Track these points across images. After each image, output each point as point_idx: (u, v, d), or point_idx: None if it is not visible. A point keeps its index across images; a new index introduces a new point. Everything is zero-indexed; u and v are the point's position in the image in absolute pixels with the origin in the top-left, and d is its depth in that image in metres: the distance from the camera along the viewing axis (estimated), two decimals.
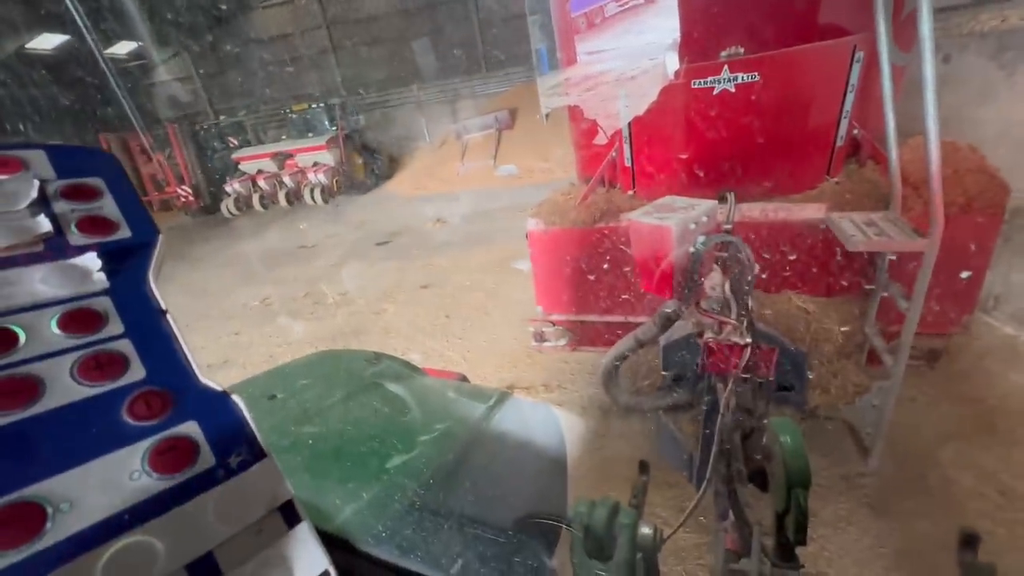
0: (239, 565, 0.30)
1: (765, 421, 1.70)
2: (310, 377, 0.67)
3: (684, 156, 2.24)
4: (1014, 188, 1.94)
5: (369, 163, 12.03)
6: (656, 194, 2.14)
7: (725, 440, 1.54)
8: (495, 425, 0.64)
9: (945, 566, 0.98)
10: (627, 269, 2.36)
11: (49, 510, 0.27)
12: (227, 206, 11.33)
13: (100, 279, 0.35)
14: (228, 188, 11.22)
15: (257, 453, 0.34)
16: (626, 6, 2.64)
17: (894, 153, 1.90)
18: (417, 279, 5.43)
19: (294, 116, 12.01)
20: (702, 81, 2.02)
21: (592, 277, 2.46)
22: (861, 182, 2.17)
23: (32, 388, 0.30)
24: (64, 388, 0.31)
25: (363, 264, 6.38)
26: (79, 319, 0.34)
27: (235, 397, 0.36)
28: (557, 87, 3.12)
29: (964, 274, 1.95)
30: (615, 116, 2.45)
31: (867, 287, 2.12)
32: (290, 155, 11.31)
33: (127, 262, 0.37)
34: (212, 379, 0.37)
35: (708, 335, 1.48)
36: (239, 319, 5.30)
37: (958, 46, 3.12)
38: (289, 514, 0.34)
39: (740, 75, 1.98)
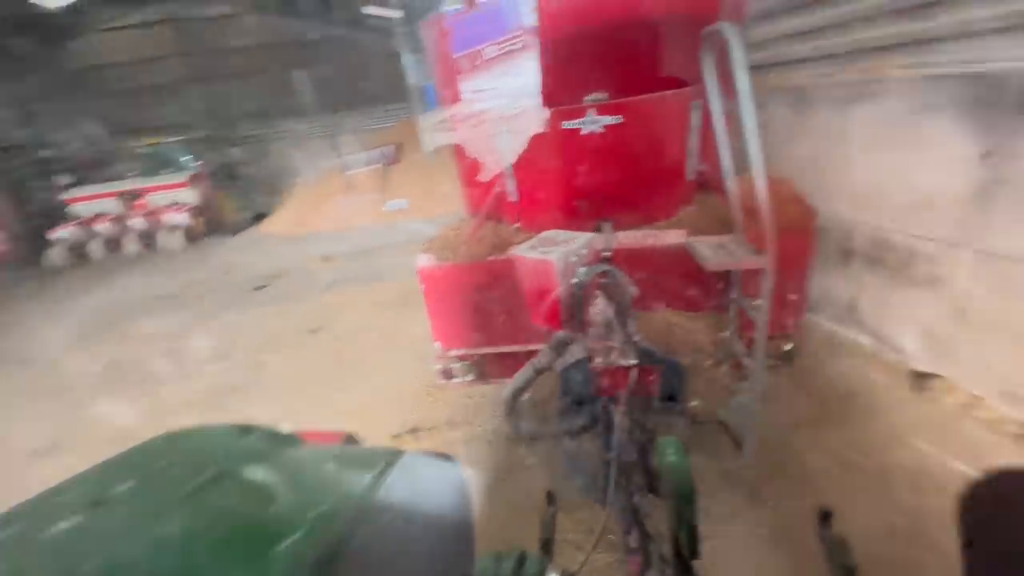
0: None
1: (654, 434, 1.82)
2: (151, 469, 0.55)
3: (562, 191, 2.40)
4: (818, 212, 2.38)
5: (241, 201, 11.01)
6: (541, 226, 2.24)
7: (623, 457, 1.62)
8: (386, 493, 0.58)
9: (810, 538, 1.13)
10: (520, 299, 2.43)
11: None
12: (53, 256, 9.48)
13: None
14: (54, 235, 9.40)
15: None
16: (503, 50, 2.82)
17: (732, 185, 2.23)
18: (304, 323, 5.01)
19: (145, 151, 10.62)
20: (571, 123, 2.19)
21: (488, 310, 2.47)
22: (710, 210, 2.50)
23: None
24: None
25: (237, 312, 5.72)
26: None
27: None
28: (442, 123, 3.16)
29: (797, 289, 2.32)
30: (497, 153, 2.55)
31: (728, 301, 2.42)
32: (139, 194, 9.89)
33: None
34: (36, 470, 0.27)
35: (597, 360, 1.56)
36: (75, 390, 4.39)
37: (766, 98, 3.80)
38: None
39: (605, 117, 2.18)
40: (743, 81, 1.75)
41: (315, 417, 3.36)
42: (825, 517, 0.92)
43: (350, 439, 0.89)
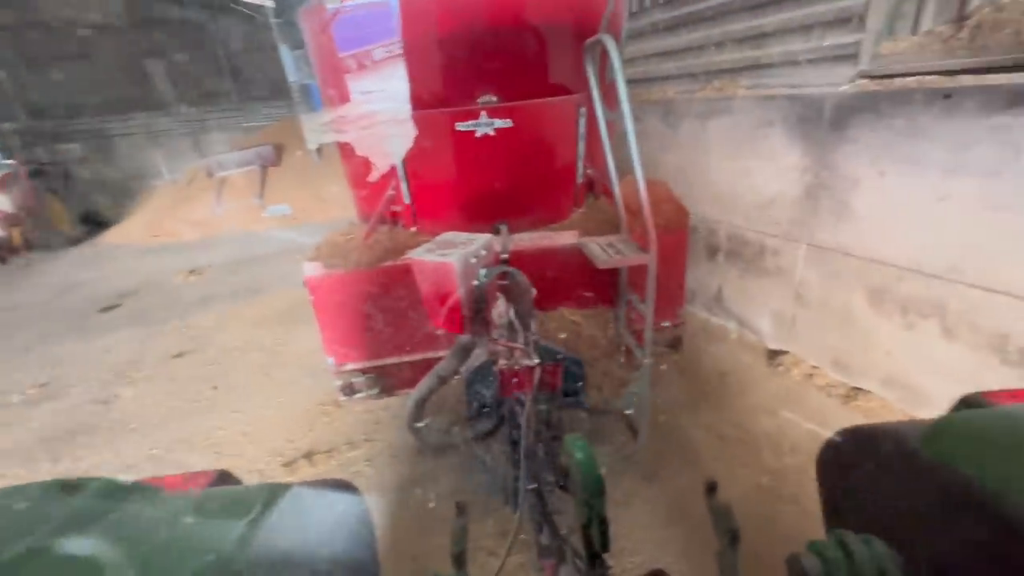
0: None
1: (559, 431, 1.87)
2: None
3: (458, 193, 2.37)
4: (690, 212, 2.64)
5: (76, 207, 9.27)
6: (438, 229, 2.19)
7: (531, 456, 1.63)
8: (266, 540, 0.49)
9: (701, 510, 1.22)
10: (420, 306, 2.34)
11: None
12: None
13: None
14: None
15: None
16: (392, 52, 2.70)
17: (617, 188, 2.38)
18: (166, 347, 4.34)
19: None
20: (464, 124, 2.17)
21: (384, 319, 2.35)
22: (598, 212, 2.65)
23: None
24: None
25: (78, 340, 4.78)
26: None
27: None
28: (328, 125, 2.94)
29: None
30: (389, 154, 2.44)
31: (618, 296, 2.58)
32: None
33: None
34: None
35: (501, 362, 1.55)
36: None
37: (642, 110, 4.16)
38: None
39: (497, 120, 2.20)
40: (623, 90, 1.88)
41: (185, 456, 2.92)
42: (711, 488, 1.00)
43: (225, 478, 0.76)
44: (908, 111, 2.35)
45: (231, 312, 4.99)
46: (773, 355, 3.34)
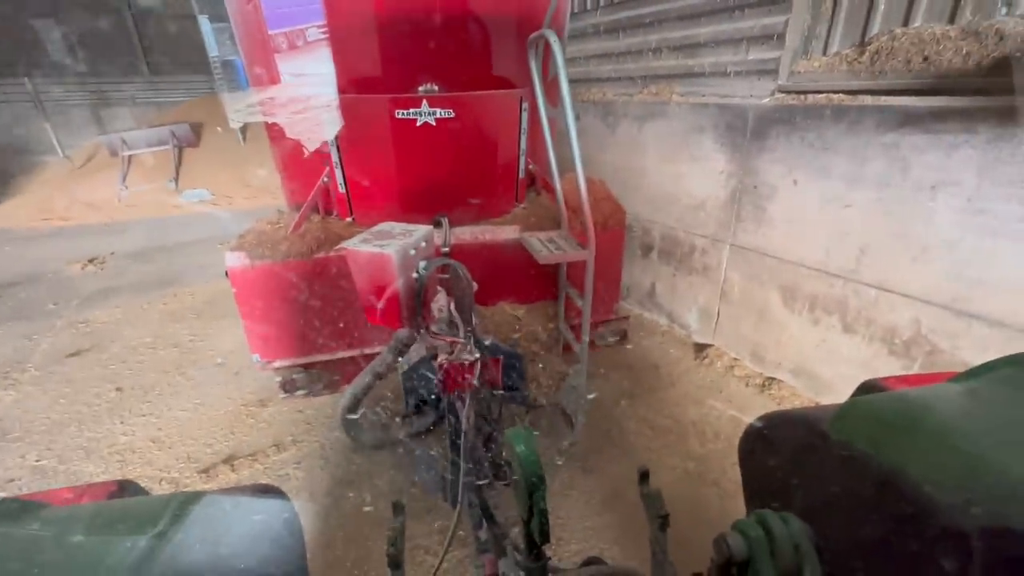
0: None
1: (498, 425, 1.87)
2: None
3: (397, 183, 2.29)
4: (626, 211, 2.74)
5: None
6: (375, 220, 2.10)
7: (469, 451, 1.61)
8: (174, 554, 0.43)
9: (634, 497, 1.27)
10: (354, 300, 2.24)
11: None
12: None
13: None
14: None
15: None
16: (327, 33, 2.54)
17: (558, 184, 2.41)
18: (59, 346, 3.85)
19: None
20: (405, 112, 2.10)
21: (315, 313, 2.22)
22: (539, 207, 2.67)
23: None
24: None
25: None
26: None
27: None
28: (256, 105, 2.73)
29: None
30: (322, 140, 2.30)
31: (562, 291, 2.62)
32: None
33: None
34: None
35: (442, 357, 1.52)
36: None
37: (583, 109, 4.25)
38: None
39: (438, 110, 2.14)
40: (564, 87, 1.89)
41: (81, 466, 2.61)
42: (643, 476, 1.04)
43: (127, 489, 0.67)
44: (818, 125, 2.58)
45: (138, 306, 4.51)
46: (700, 348, 3.55)
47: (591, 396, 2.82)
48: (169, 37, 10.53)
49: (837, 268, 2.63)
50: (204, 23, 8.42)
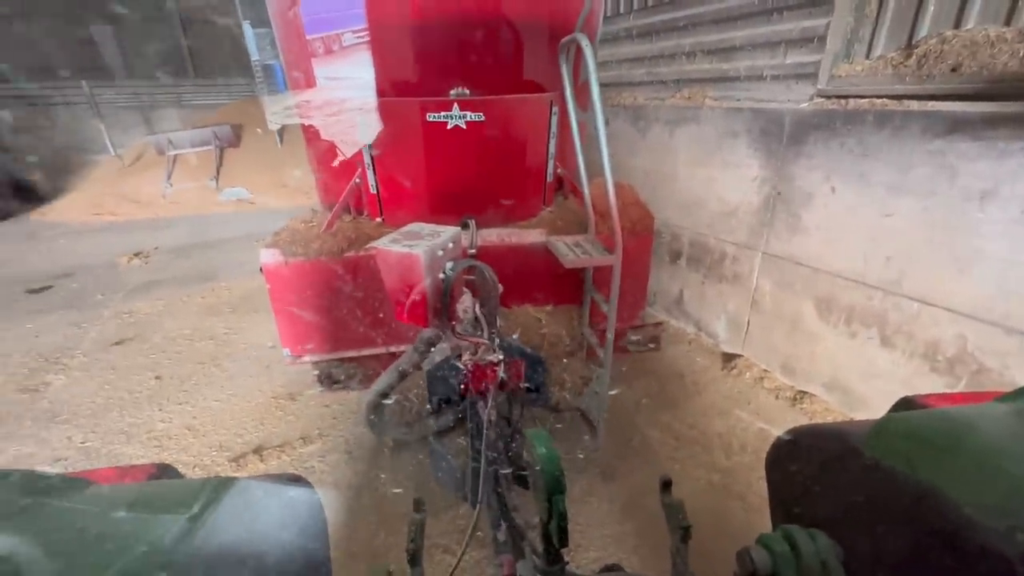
0: None
1: (520, 427, 1.87)
2: None
3: (426, 185, 2.33)
4: (655, 217, 2.70)
5: (5, 180, 8.53)
6: (403, 221, 2.14)
7: (491, 452, 1.62)
8: (208, 537, 0.45)
9: (654, 507, 1.25)
10: (383, 299, 2.29)
11: None
12: None
13: None
14: None
15: None
16: (363, 38, 2.62)
17: (586, 189, 2.40)
18: (106, 334, 4.06)
19: None
20: (436, 115, 2.14)
21: (345, 310, 2.28)
22: (567, 211, 2.66)
23: None
24: None
25: (1, 320, 4.41)
26: None
27: None
28: (292, 108, 2.82)
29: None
30: (356, 142, 2.37)
31: (583, 296, 2.61)
32: None
33: None
34: None
35: (466, 357, 1.53)
36: None
37: (613, 113, 4.23)
38: None
39: (468, 113, 2.17)
40: (595, 91, 1.89)
41: (122, 449, 2.74)
42: (666, 485, 1.03)
43: (165, 472, 0.70)
44: (860, 131, 2.49)
45: (180, 298, 4.72)
46: (728, 358, 3.47)
47: (613, 392, 2.78)
48: (214, 41, 11.02)
49: (876, 279, 2.53)
50: (247, 28, 8.77)
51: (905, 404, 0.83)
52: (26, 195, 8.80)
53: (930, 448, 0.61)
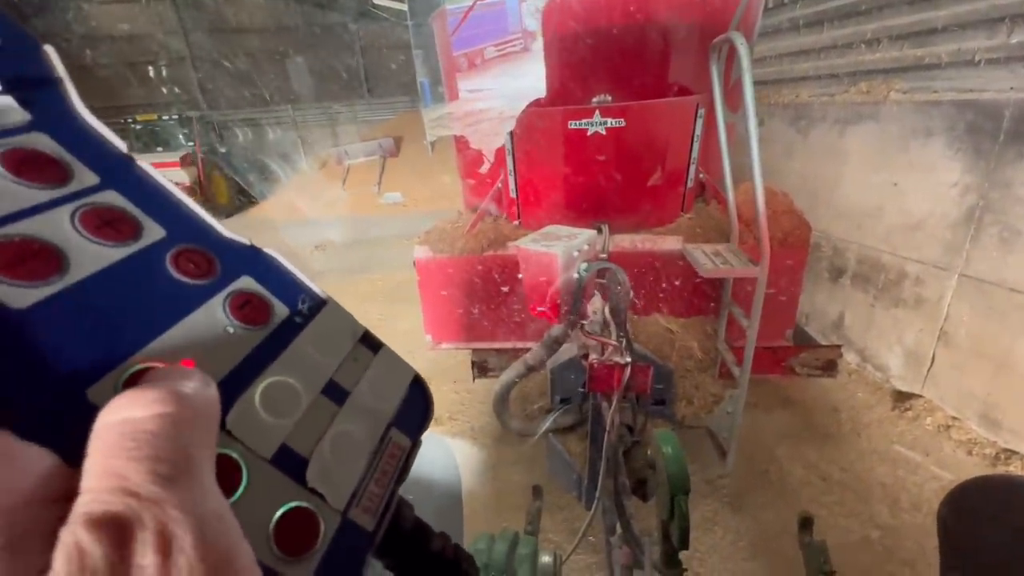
0: (355, 385, 0.34)
1: (642, 436, 1.83)
2: None
3: (563, 190, 2.40)
4: (813, 227, 2.41)
5: (234, 185, 10.88)
6: (539, 224, 2.25)
7: (610, 456, 1.62)
8: None
9: (787, 548, 1.13)
10: (516, 295, 2.42)
11: None
12: None
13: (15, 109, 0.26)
14: None
15: (318, 298, 0.37)
16: (504, 51, 2.83)
17: (731, 195, 2.25)
18: None
19: (138, 127, 10.42)
20: (577, 123, 2.20)
21: (481, 304, 2.47)
22: (707, 219, 2.52)
23: (48, 252, 0.23)
24: (84, 251, 0.25)
25: None
26: (29, 163, 0.25)
27: (267, 249, 0.35)
28: (441, 119, 3.14)
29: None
30: (496, 150, 2.55)
31: (720, 308, 2.44)
32: None
33: (38, 92, 0.27)
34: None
35: (592, 356, 1.56)
36: None
37: (768, 113, 3.86)
38: (371, 342, 0.38)
39: (609, 120, 2.19)
40: (749, 91, 1.77)
41: None
42: (805, 523, 0.93)
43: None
44: None
45: (345, 284, 5.54)
46: (901, 397, 2.92)
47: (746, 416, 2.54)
48: (385, 64, 12.70)
49: None
50: (417, 52, 9.93)
51: None
52: (246, 197, 11.12)
53: None
